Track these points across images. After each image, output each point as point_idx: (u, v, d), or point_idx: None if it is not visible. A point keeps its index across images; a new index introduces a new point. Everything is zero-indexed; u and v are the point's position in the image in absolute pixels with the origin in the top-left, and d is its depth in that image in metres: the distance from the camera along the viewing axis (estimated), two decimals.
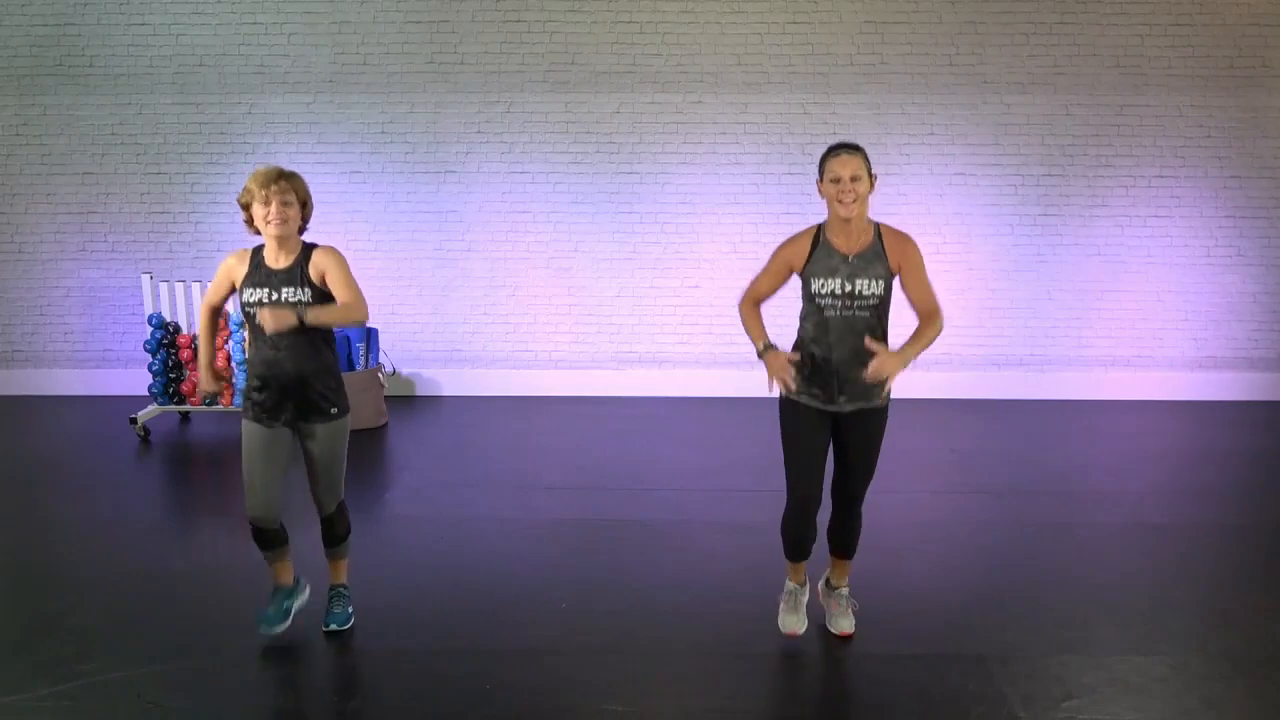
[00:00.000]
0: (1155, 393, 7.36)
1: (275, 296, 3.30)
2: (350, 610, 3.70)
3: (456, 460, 5.88)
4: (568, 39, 7.14)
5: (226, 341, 6.53)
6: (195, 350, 6.61)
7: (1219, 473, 5.65)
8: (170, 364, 6.59)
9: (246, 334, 3.43)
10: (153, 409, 6.53)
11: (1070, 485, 5.39)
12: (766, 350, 3.24)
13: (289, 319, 3.18)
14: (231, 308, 6.47)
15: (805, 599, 3.60)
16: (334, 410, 3.46)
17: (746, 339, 3.46)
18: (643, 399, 7.39)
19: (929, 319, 3.26)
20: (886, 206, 7.09)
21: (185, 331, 6.68)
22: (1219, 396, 7.33)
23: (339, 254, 3.40)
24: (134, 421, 6.35)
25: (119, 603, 3.93)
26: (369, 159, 7.29)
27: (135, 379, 7.37)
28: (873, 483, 3.50)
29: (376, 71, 7.19)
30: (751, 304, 3.39)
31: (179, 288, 6.68)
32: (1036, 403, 7.27)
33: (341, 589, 3.73)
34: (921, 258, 3.29)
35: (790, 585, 3.61)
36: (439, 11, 7.13)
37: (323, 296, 3.35)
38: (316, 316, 3.27)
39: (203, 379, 3.59)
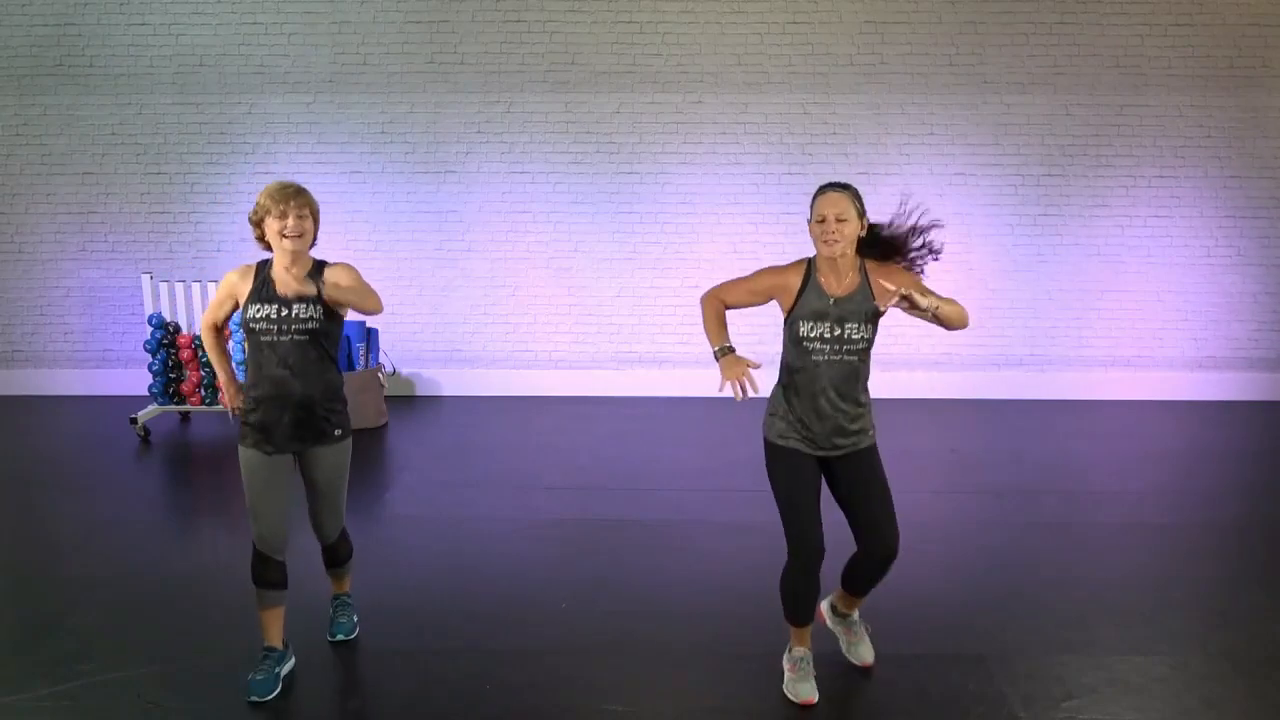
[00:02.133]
0: (1155, 393, 7.36)
1: (285, 312, 3.22)
2: (355, 619, 3.69)
3: (456, 460, 5.89)
4: (568, 39, 7.14)
5: (226, 342, 6.50)
6: (170, 350, 6.59)
7: (1219, 473, 5.65)
8: (170, 364, 6.59)
9: (246, 352, 3.34)
10: (153, 409, 6.53)
11: (1070, 485, 5.39)
12: (724, 352, 3.12)
13: (309, 288, 3.16)
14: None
15: (812, 665, 3.30)
16: (338, 432, 3.35)
17: (746, 339, 3.44)
18: (643, 399, 7.39)
19: (953, 302, 3.14)
20: (886, 207, 7.07)
21: (185, 331, 6.68)
22: (1219, 396, 7.34)
23: (353, 266, 3.33)
24: (134, 421, 6.35)
25: (119, 603, 3.93)
26: (369, 159, 7.29)
27: (135, 379, 7.37)
28: None
29: (376, 71, 7.19)
30: (714, 299, 3.23)
31: (179, 288, 6.68)
32: (1036, 403, 7.27)
33: (345, 598, 3.71)
34: (914, 277, 3.19)
35: (798, 651, 3.30)
36: (439, 11, 7.13)
37: (335, 316, 3.29)
38: (336, 292, 3.19)
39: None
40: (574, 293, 7.43)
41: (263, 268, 3.30)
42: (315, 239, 3.33)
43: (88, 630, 3.69)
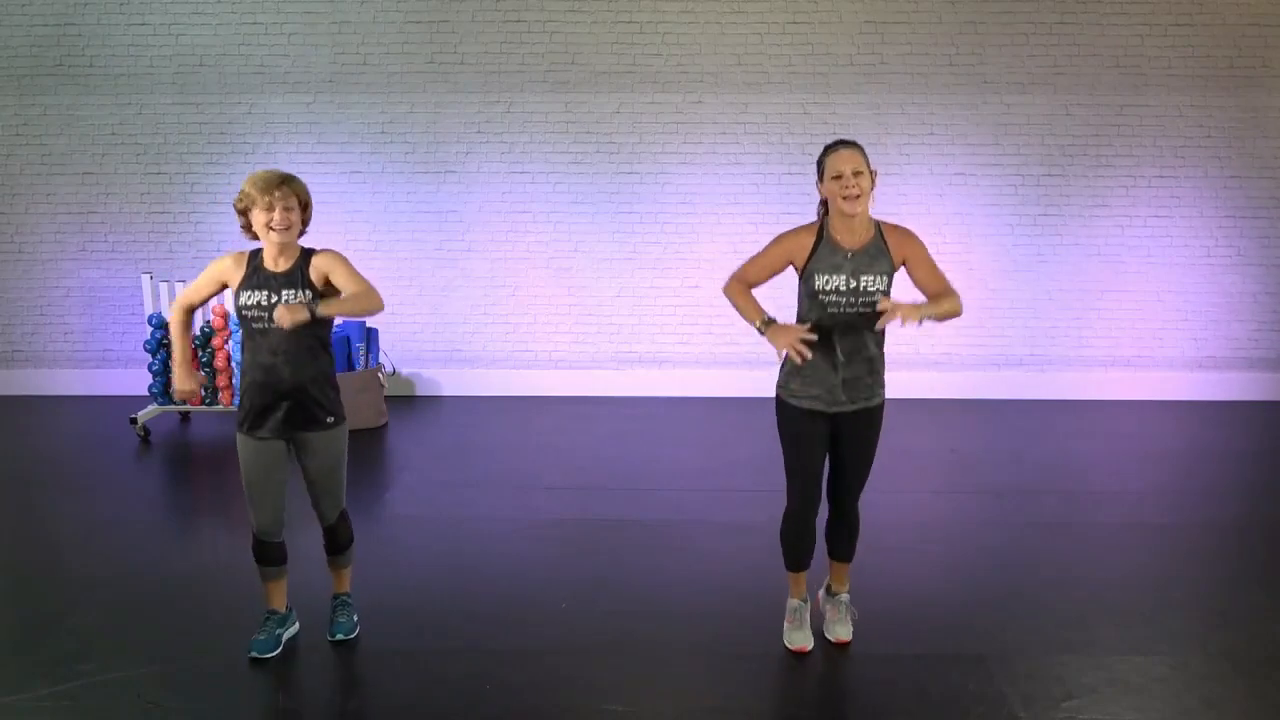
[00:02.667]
0: (1155, 393, 7.36)
1: (275, 299, 3.23)
2: (355, 619, 3.68)
3: (456, 460, 5.88)
4: (568, 39, 7.14)
5: (226, 341, 6.53)
6: (169, 349, 6.58)
7: (1219, 473, 5.65)
8: (170, 364, 6.59)
9: (242, 339, 3.37)
10: (153, 409, 6.53)
11: (1070, 485, 5.39)
12: (768, 324, 3.13)
13: (301, 314, 3.07)
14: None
15: (809, 614, 3.58)
16: (330, 419, 3.38)
17: (747, 339, 3.46)
18: (643, 399, 7.38)
19: (948, 295, 3.20)
20: (887, 207, 7.08)
21: None
22: (1219, 396, 7.33)
23: (340, 254, 3.34)
24: (134, 421, 6.35)
25: (119, 603, 3.93)
26: (369, 159, 7.29)
27: (135, 379, 7.37)
28: (874, 482, 3.50)
29: (376, 71, 7.19)
30: (740, 284, 3.28)
31: (179, 288, 6.68)
32: (1036, 403, 7.27)
33: (345, 598, 3.70)
34: (925, 248, 3.27)
35: (794, 602, 3.57)
36: (439, 11, 7.13)
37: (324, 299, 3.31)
38: (328, 308, 3.16)
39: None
40: (574, 293, 7.43)
41: (254, 256, 3.33)
42: (307, 225, 3.34)
43: (88, 630, 3.69)
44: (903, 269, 3.28)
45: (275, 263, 3.29)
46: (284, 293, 3.24)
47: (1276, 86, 7.07)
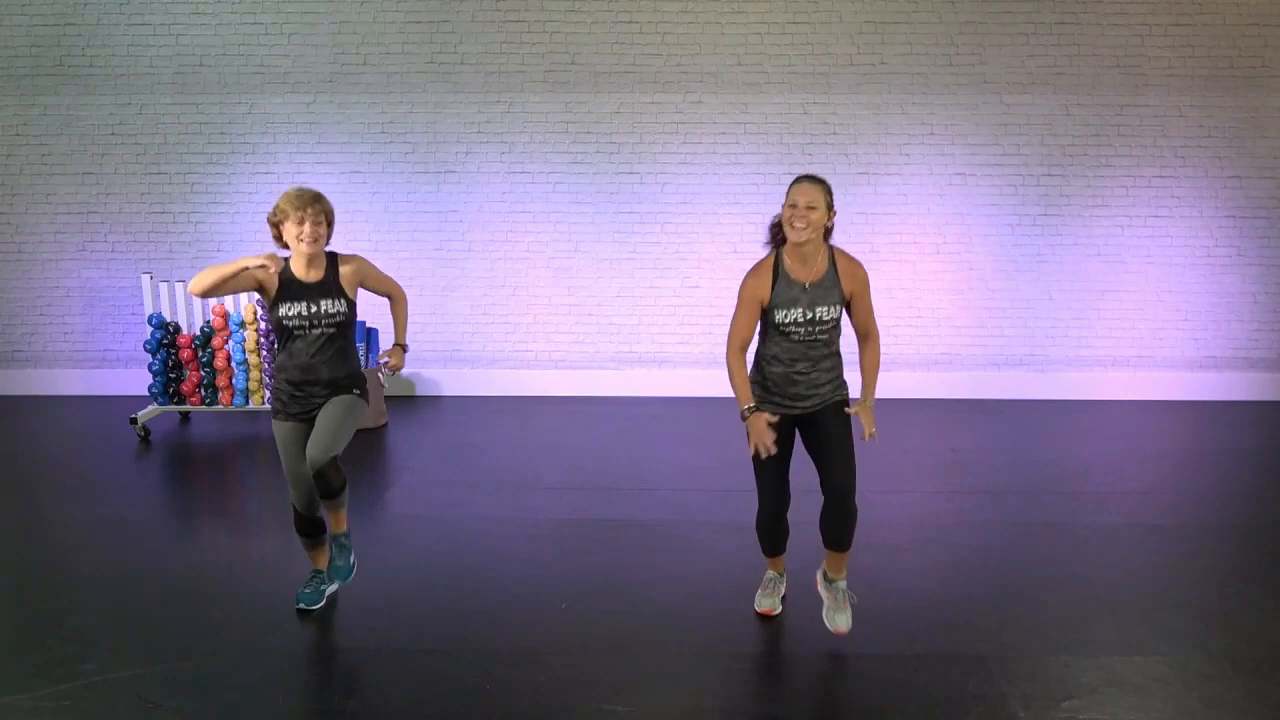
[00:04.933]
0: (1155, 393, 7.36)
1: (314, 309, 3.60)
2: (353, 561, 3.86)
3: (456, 460, 5.89)
4: (568, 39, 7.14)
5: (226, 341, 6.53)
6: (169, 349, 6.61)
7: (1219, 473, 5.65)
8: (170, 364, 6.59)
9: (277, 342, 3.72)
10: (153, 409, 6.53)
11: (1070, 485, 5.39)
12: (750, 413, 3.37)
13: (401, 361, 3.78)
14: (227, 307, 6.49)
15: (783, 587, 3.84)
16: (356, 390, 3.73)
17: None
18: (643, 399, 7.39)
19: (870, 342, 3.51)
20: (887, 207, 7.09)
21: (185, 332, 6.68)
22: (1219, 396, 7.34)
23: (363, 258, 3.81)
24: (134, 421, 6.35)
25: (119, 603, 3.93)
26: (369, 159, 7.29)
27: (135, 379, 7.38)
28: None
29: (376, 71, 7.19)
30: (738, 352, 3.48)
31: (179, 288, 6.68)
32: (1036, 403, 7.27)
33: (342, 538, 3.82)
34: (868, 287, 3.50)
35: (770, 574, 3.84)
36: (439, 11, 7.13)
37: (352, 306, 3.70)
38: (403, 335, 3.88)
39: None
40: (574, 293, 7.43)
41: (286, 268, 3.66)
42: (330, 239, 3.75)
43: (88, 630, 3.69)
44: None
45: (306, 273, 3.64)
46: (322, 302, 3.62)
47: (1276, 86, 7.07)
